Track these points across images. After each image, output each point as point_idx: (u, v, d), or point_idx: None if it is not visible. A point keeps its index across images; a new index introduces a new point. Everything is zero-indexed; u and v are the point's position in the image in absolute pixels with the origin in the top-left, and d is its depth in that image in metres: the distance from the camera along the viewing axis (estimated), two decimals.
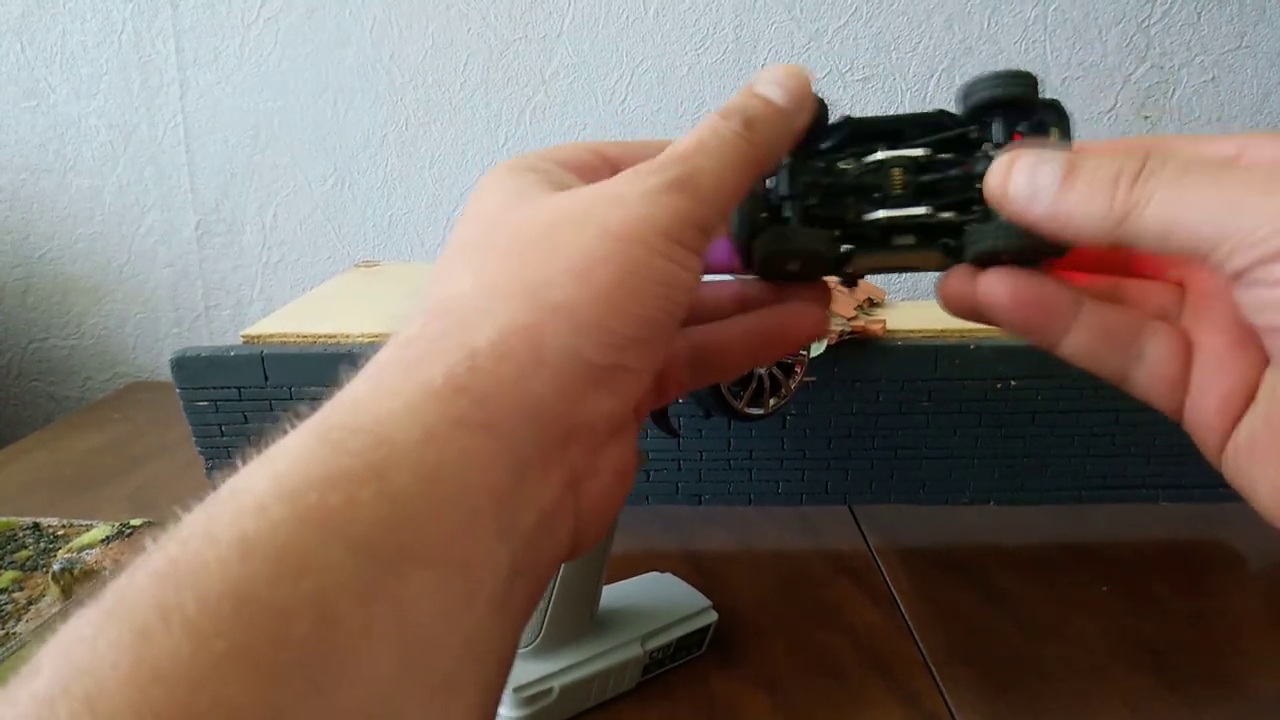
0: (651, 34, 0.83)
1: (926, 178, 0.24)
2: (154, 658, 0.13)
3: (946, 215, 0.24)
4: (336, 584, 0.15)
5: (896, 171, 0.24)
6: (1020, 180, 0.22)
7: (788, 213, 0.25)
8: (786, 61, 0.89)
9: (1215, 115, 0.84)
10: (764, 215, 0.25)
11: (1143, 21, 0.81)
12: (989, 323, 0.25)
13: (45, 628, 0.45)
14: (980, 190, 0.23)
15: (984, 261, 0.24)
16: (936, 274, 0.25)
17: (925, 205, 0.24)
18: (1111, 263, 0.26)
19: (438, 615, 0.16)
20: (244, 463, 0.17)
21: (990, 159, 0.23)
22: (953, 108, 0.25)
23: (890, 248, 0.25)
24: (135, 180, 0.88)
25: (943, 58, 0.83)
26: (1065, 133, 0.24)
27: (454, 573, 0.17)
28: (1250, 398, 0.22)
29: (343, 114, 0.86)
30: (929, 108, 0.25)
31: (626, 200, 0.21)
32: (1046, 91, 0.24)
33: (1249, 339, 0.22)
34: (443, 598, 0.16)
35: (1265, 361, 0.22)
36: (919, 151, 0.24)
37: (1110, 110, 0.83)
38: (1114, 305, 0.24)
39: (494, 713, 0.19)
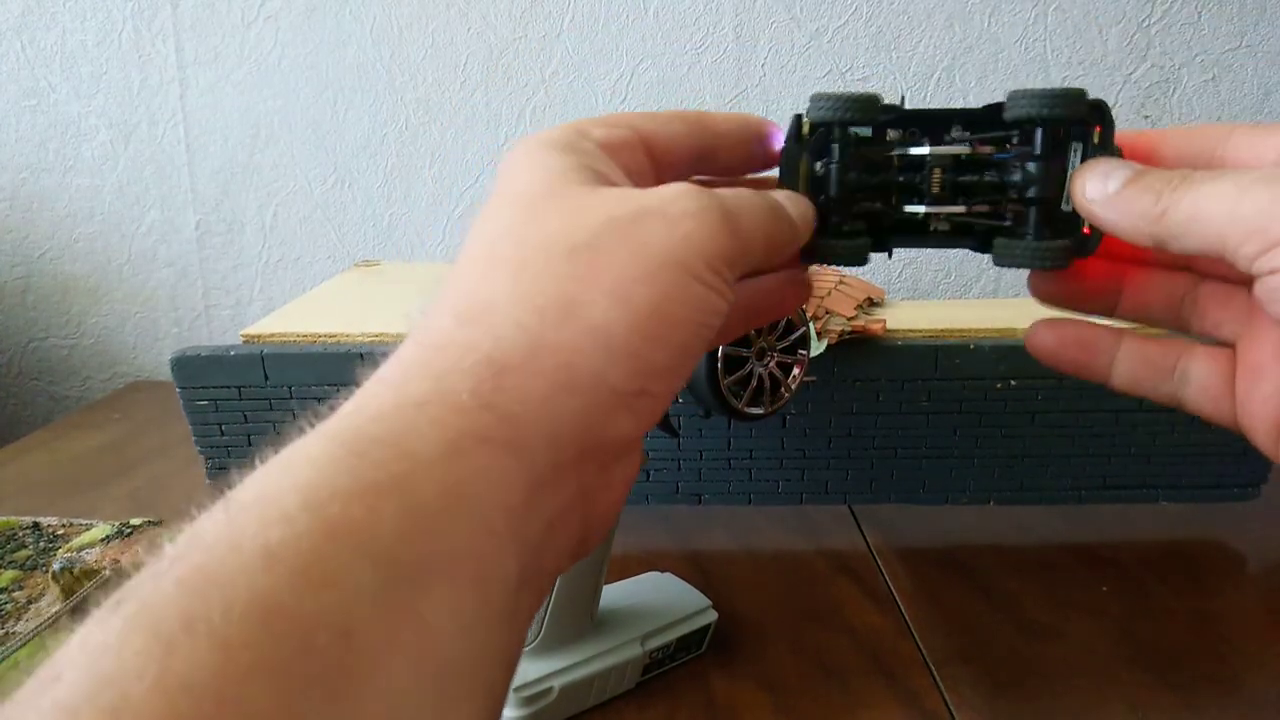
0: (651, 34, 0.83)
1: (964, 178, 0.26)
2: (180, 668, 0.13)
3: (980, 210, 0.26)
4: (359, 597, 0.15)
5: (937, 171, 0.26)
6: (1095, 183, 0.24)
7: (833, 214, 0.26)
8: (787, 61, 0.89)
9: (1215, 115, 0.84)
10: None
11: (1143, 21, 0.81)
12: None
13: (44, 627, 0.45)
14: (1011, 195, 0.25)
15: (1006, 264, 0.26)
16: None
17: (960, 203, 0.26)
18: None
19: (454, 629, 0.16)
20: (262, 463, 0.17)
21: (1027, 171, 0.25)
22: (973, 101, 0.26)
23: (924, 235, 0.27)
24: (135, 180, 0.88)
25: (943, 57, 0.83)
26: (1107, 135, 0.25)
27: (470, 587, 0.17)
28: None
29: (343, 114, 0.86)
30: (979, 104, 0.26)
31: (674, 218, 0.20)
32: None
33: None
34: (459, 612, 0.16)
35: None
36: (960, 150, 0.25)
37: (1110, 110, 0.83)
38: (1151, 339, 0.27)
39: (498, 716, 0.19)
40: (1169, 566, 0.54)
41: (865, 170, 0.26)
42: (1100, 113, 0.25)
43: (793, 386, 0.40)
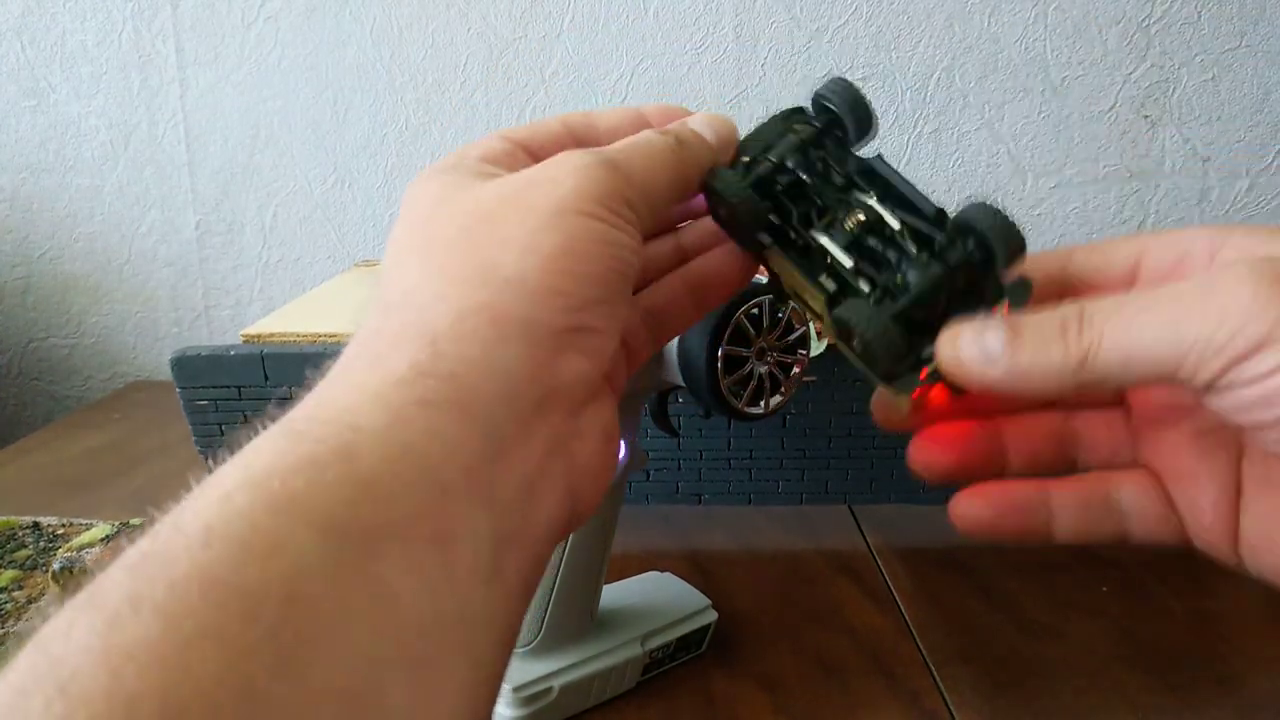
0: (651, 34, 0.83)
1: (872, 241, 0.24)
2: (123, 641, 0.14)
3: (860, 280, 0.24)
4: (304, 563, 0.15)
5: (860, 218, 0.24)
6: (970, 349, 0.21)
7: (757, 169, 0.25)
8: (787, 61, 0.89)
9: (1215, 115, 0.84)
10: (741, 161, 0.26)
11: (1143, 21, 0.81)
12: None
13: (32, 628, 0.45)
14: (896, 276, 0.23)
15: (840, 329, 0.24)
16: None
17: (850, 259, 0.24)
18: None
19: (416, 590, 0.16)
20: (217, 464, 0.17)
21: (925, 266, 0.23)
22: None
23: (796, 259, 0.25)
24: (135, 180, 0.88)
25: (943, 57, 0.83)
26: (1018, 307, 0.23)
27: (429, 547, 0.17)
28: (1237, 495, 0.23)
29: (343, 114, 0.86)
30: (938, 203, 0.24)
31: (558, 178, 0.22)
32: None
33: (1208, 446, 0.23)
34: (419, 572, 0.17)
35: (1235, 459, 0.23)
36: (894, 223, 0.24)
37: (1110, 110, 0.83)
38: (1075, 477, 0.25)
39: (493, 692, 0.19)
40: (1169, 566, 0.54)
41: (800, 186, 0.25)
42: (1026, 290, 0.23)
43: (793, 386, 0.40)
